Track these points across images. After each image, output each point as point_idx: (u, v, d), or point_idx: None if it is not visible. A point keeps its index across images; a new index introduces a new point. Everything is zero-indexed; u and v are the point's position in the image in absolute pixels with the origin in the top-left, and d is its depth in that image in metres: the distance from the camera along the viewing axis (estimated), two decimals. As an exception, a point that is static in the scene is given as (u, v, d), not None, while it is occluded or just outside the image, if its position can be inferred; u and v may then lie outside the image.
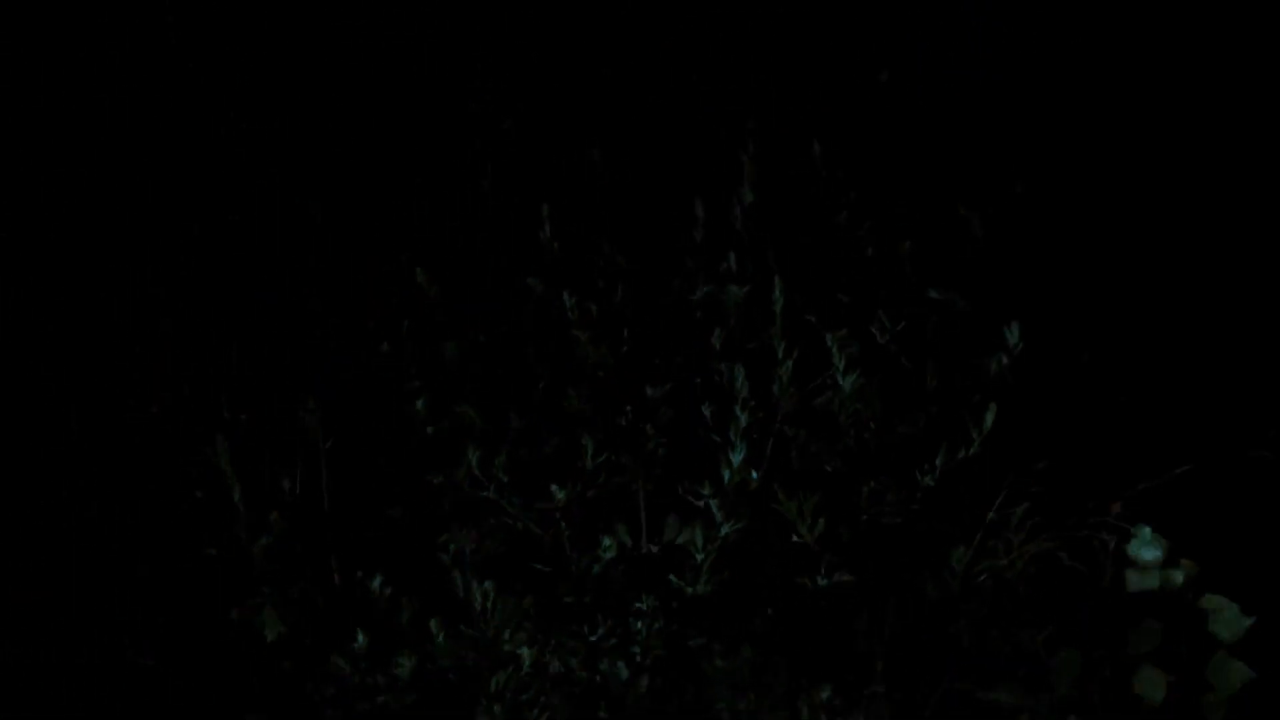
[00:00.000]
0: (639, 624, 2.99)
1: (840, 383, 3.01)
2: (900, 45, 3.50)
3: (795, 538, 3.13)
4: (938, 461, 3.10)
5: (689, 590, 3.00)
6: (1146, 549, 3.09)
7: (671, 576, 3.06)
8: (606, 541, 3.03)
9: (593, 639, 2.96)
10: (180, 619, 3.20)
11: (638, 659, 3.02)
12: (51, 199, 3.81)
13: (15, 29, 3.86)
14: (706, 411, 3.16)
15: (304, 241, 3.53)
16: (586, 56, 3.72)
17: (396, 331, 3.31)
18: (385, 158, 3.72)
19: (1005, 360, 3.00)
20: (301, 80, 3.63)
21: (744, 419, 2.84)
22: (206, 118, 3.76)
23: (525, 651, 2.75)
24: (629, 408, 3.21)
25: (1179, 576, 3.05)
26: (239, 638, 3.17)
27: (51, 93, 3.87)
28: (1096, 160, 3.20)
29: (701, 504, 3.01)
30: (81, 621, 3.10)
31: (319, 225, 3.59)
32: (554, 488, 2.96)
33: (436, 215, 3.52)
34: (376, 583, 3.05)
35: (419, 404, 3.18)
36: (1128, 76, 3.32)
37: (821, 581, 3.09)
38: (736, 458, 2.87)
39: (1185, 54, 3.71)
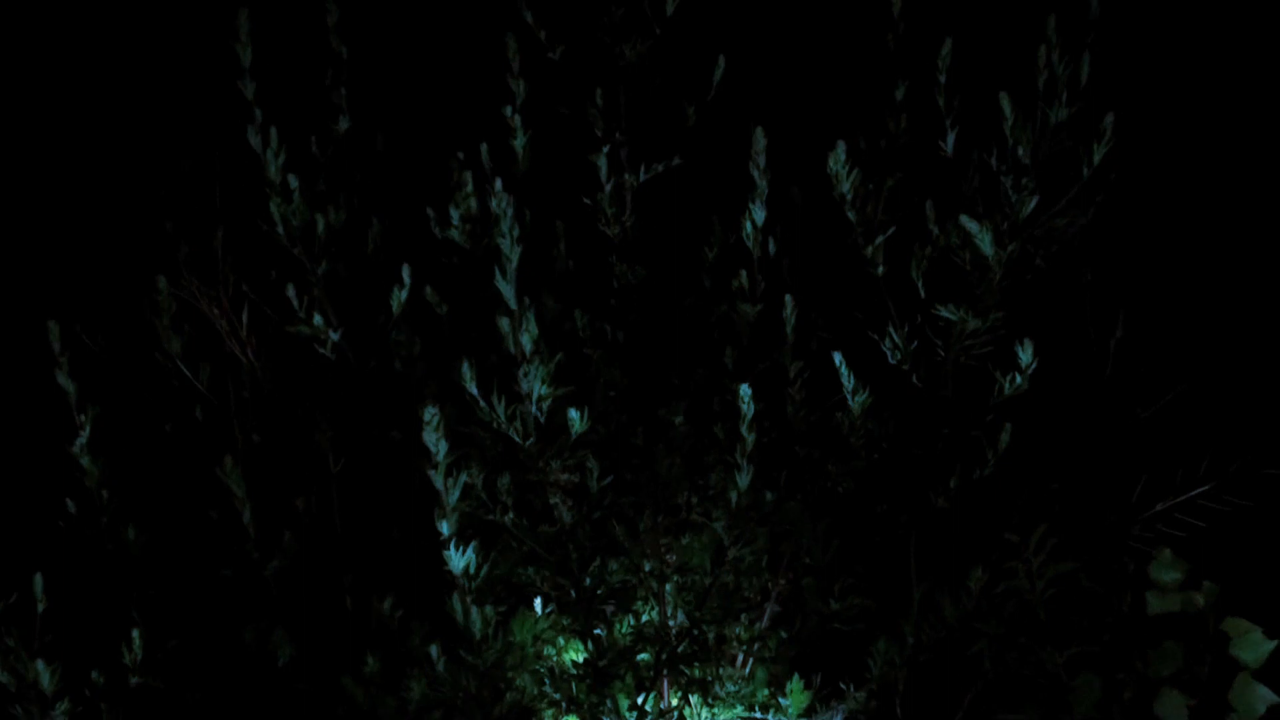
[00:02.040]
0: (647, 649, 2.97)
1: (850, 403, 2.98)
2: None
3: (808, 560, 3.10)
4: (952, 482, 3.07)
5: (695, 614, 2.97)
6: (1167, 571, 3.04)
7: (681, 598, 3.03)
8: (614, 565, 3.00)
9: (601, 664, 2.93)
10: (191, 640, 3.18)
11: (646, 684, 2.99)
12: (53, 201, 3.83)
13: (17, 31, 3.88)
14: (719, 432, 3.13)
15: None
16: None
17: (408, 352, 3.29)
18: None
19: (1019, 379, 2.97)
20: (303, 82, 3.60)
21: (751, 440, 2.80)
22: (209, 118, 3.75)
23: (527, 679, 2.72)
24: (641, 428, 3.17)
25: (1200, 599, 3.01)
26: (251, 659, 3.16)
27: (53, 94, 3.88)
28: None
29: (712, 526, 2.98)
30: (87, 642, 3.09)
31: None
32: (561, 510, 2.92)
33: (441, 221, 3.48)
34: (387, 605, 3.03)
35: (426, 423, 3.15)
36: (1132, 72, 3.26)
37: (835, 605, 3.06)
38: (744, 480, 2.83)
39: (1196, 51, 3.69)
